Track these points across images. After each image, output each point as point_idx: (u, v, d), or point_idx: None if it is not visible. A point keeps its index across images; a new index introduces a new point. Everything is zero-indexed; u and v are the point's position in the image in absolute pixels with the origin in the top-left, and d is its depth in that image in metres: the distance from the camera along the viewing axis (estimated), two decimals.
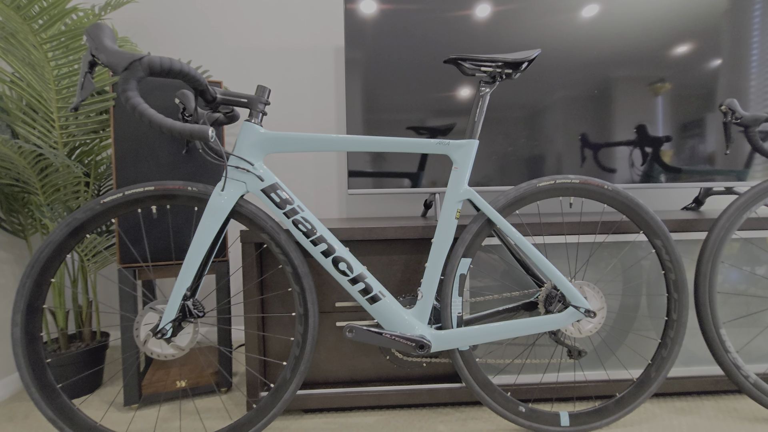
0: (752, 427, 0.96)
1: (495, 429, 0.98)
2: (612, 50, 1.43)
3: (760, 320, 1.10)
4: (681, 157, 1.46)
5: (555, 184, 0.96)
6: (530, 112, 1.42)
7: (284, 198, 0.88)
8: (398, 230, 1.04)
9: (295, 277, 0.91)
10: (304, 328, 0.92)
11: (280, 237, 0.90)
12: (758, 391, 0.96)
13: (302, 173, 1.66)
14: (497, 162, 1.42)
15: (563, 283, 0.90)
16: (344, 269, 0.89)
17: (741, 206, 0.98)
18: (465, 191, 0.92)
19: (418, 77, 1.39)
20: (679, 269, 0.96)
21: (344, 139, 0.89)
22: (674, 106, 1.46)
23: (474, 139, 0.93)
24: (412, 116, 1.40)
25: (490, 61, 0.92)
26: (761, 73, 1.48)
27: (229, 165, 0.87)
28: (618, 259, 1.07)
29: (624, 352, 1.09)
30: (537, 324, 0.91)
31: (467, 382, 0.94)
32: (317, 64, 1.64)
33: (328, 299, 1.06)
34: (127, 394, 1.09)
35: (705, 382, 1.08)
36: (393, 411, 1.07)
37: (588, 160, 1.44)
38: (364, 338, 0.88)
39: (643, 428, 0.96)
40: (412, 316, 0.92)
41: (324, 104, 1.65)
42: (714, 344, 0.97)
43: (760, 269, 1.10)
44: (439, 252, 0.92)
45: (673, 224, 1.07)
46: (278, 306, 1.05)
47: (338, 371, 1.07)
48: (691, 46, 1.45)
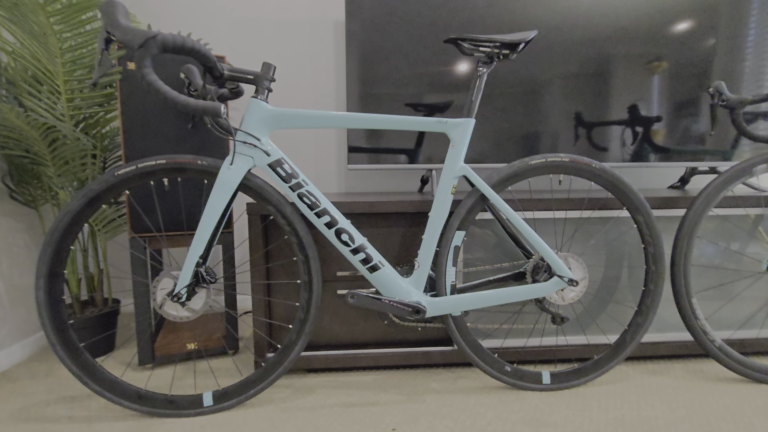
0: (715, 386, 1.06)
1: (483, 386, 1.07)
2: (610, 26, 1.44)
3: (730, 291, 1.18)
4: (670, 137, 1.51)
5: (546, 161, 1.01)
6: (526, 90, 1.45)
7: (290, 172, 0.93)
8: (397, 204, 1.10)
9: (300, 246, 0.97)
10: (308, 294, 0.99)
11: (286, 209, 0.96)
12: (723, 354, 1.06)
13: (302, 148, 1.69)
14: (492, 140, 1.46)
15: (549, 255, 0.97)
16: (346, 240, 0.95)
17: (719, 185, 1.04)
18: (461, 168, 0.97)
19: (418, 53, 1.41)
20: (658, 243, 1.03)
21: (347, 117, 0.93)
22: (669, 85, 1.49)
23: (471, 118, 0.97)
24: (411, 92, 1.43)
25: (488, 42, 0.95)
26: (757, 54, 1.51)
27: (237, 140, 0.91)
28: (602, 233, 1.14)
29: (604, 319, 1.17)
30: (524, 292, 0.99)
31: (458, 344, 1.02)
32: (317, 37, 1.64)
33: (329, 269, 1.12)
34: (141, 355, 1.17)
35: (676, 346, 1.18)
36: (390, 371, 1.16)
37: (581, 138, 1.48)
38: (364, 303, 0.96)
39: (617, 387, 1.06)
40: (409, 284, 0.99)
41: (323, 79, 1.66)
42: (685, 312, 1.05)
43: (734, 245, 1.18)
44: (435, 225, 0.98)
45: (656, 201, 1.13)
46: (282, 275, 1.11)
47: (339, 335, 1.15)
48: (689, 23, 1.47)
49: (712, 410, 0.95)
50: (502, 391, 1.05)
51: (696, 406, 0.96)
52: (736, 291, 1.19)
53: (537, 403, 0.99)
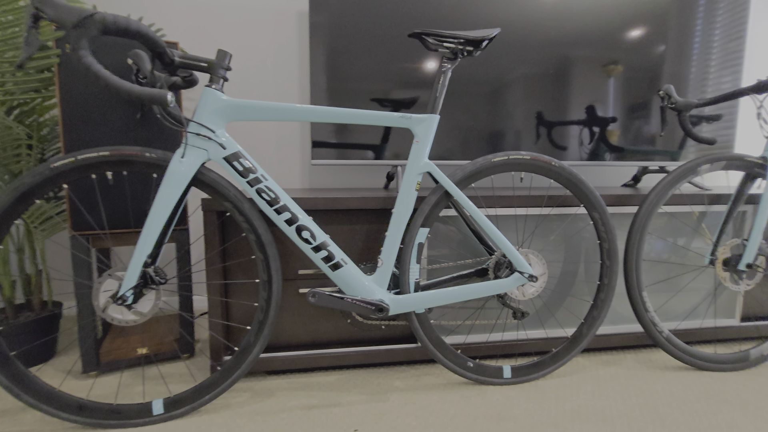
0: (663, 374, 1.11)
1: (446, 383, 1.07)
2: (570, 30, 1.49)
3: (677, 284, 1.25)
4: (624, 137, 1.57)
5: (508, 159, 1.02)
6: (491, 89, 1.47)
7: (247, 167, 0.88)
8: (361, 200, 1.07)
9: (259, 245, 0.93)
10: (267, 294, 0.95)
11: (244, 205, 0.91)
12: (670, 344, 1.12)
13: (264, 142, 1.63)
14: (457, 137, 1.47)
15: (510, 251, 0.99)
16: (307, 237, 0.92)
17: (667, 184, 1.10)
18: (425, 164, 0.96)
19: (384, 48, 1.39)
20: (612, 239, 1.07)
21: (308, 110, 0.90)
22: (623, 88, 1.56)
23: (435, 114, 0.97)
24: (377, 87, 1.41)
25: (452, 38, 0.95)
26: (701, 60, 1.60)
27: (189, 132, 0.85)
28: (561, 229, 1.17)
29: (562, 313, 1.21)
30: (486, 288, 0.99)
31: (422, 341, 1.02)
32: (280, 28, 1.59)
33: (290, 267, 1.09)
34: (85, 361, 1.08)
35: (628, 338, 1.24)
36: (353, 370, 1.14)
37: (542, 137, 1.52)
38: (326, 302, 0.93)
39: (574, 378, 1.09)
40: (373, 281, 0.97)
41: (286, 71, 1.61)
42: (636, 305, 1.10)
43: (680, 240, 1.24)
44: (398, 222, 0.97)
45: (611, 199, 1.17)
46: (240, 274, 1.07)
47: (301, 335, 1.11)
48: (642, 30, 1.53)
49: (660, 398, 0.99)
50: (465, 386, 1.05)
51: (645, 395, 1.01)
52: (682, 284, 1.26)
53: (498, 397, 1.00)
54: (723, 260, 1.15)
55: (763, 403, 0.97)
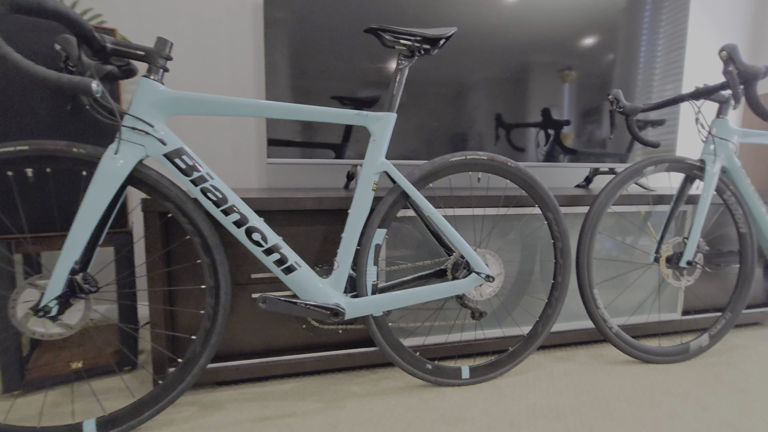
0: (612, 369, 1.15)
1: (405, 386, 1.05)
2: (528, 37, 1.52)
3: (625, 281, 1.31)
4: (577, 140, 1.63)
5: (465, 159, 1.02)
6: (452, 91, 1.47)
7: (191, 164, 0.82)
8: (316, 201, 1.03)
9: (205, 248, 0.87)
10: (215, 301, 0.89)
11: (187, 206, 0.85)
12: (619, 339, 1.16)
13: (218, 140, 1.55)
14: (417, 138, 1.46)
15: (468, 252, 0.98)
16: (258, 240, 0.87)
17: (615, 185, 1.14)
18: (382, 163, 0.94)
19: (344, 45, 1.36)
20: (565, 238, 1.10)
21: (257, 105, 0.85)
22: (577, 93, 1.61)
23: (392, 112, 0.95)
24: (337, 85, 1.37)
25: (409, 35, 0.93)
26: (647, 69, 1.69)
27: (124, 125, 0.78)
28: (517, 229, 1.19)
29: (518, 312, 1.22)
30: (443, 289, 0.99)
31: (380, 345, 1.00)
32: (234, 20, 1.51)
33: (242, 271, 1.03)
34: (6, 379, 0.97)
35: (581, 334, 1.27)
36: (310, 377, 1.10)
37: (501, 139, 1.54)
38: (278, 308, 0.88)
39: (530, 376, 1.11)
40: (328, 285, 0.93)
41: (242, 65, 1.54)
42: (588, 302, 1.13)
43: (629, 239, 1.29)
44: (355, 223, 0.94)
45: (564, 199, 1.20)
46: (186, 279, 1.00)
47: (254, 342, 1.06)
48: (594, 39, 1.59)
49: (610, 392, 1.03)
50: (424, 389, 1.04)
51: (597, 390, 1.04)
52: (630, 281, 1.31)
53: (456, 398, 1.00)
54: (666, 258, 1.21)
55: (702, 392, 1.03)
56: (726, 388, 1.05)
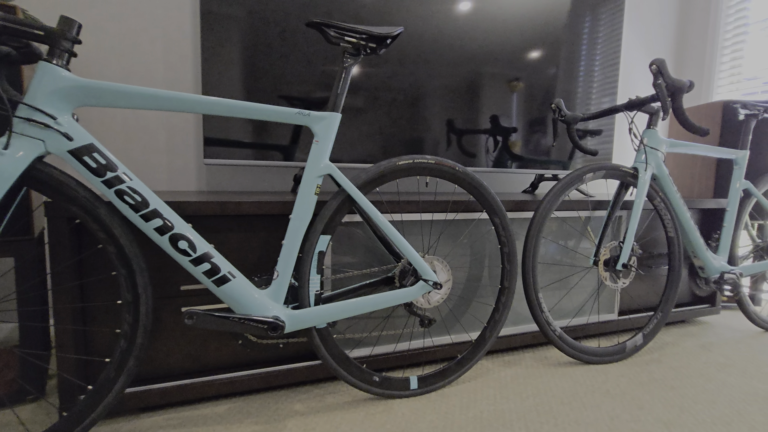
0: (556, 371, 1.17)
1: (351, 400, 1.00)
2: (480, 48, 1.54)
3: (568, 284, 1.34)
4: (524, 147, 1.67)
5: (413, 163, 0.99)
6: (407, 97, 1.45)
7: (103, 163, 0.72)
8: (255, 205, 0.96)
9: (121, 258, 0.77)
10: (133, 318, 0.79)
11: (99, 211, 0.74)
12: (561, 341, 1.18)
13: (151, 138, 1.42)
14: (374, 141, 1.42)
15: (415, 259, 0.95)
16: (185, 248, 0.78)
17: (557, 191, 1.17)
18: (325, 166, 0.89)
19: (294, 42, 1.29)
20: (512, 243, 1.10)
21: (183, 98, 0.77)
22: (524, 103, 1.65)
23: (336, 112, 0.90)
24: (285, 85, 1.30)
25: (354, 32, 0.89)
26: (586, 81, 1.77)
27: (18, 116, 0.67)
28: (465, 235, 1.18)
29: (467, 318, 1.22)
30: (390, 298, 0.95)
31: (324, 359, 0.94)
32: (170, 11, 1.39)
33: (171, 282, 0.93)
34: None
35: (527, 337, 1.29)
36: (249, 397, 1.01)
37: (453, 144, 1.55)
38: (208, 324, 0.80)
39: (478, 383, 1.10)
40: (266, 296, 0.86)
41: (178, 58, 1.42)
42: (533, 305, 1.15)
43: (570, 243, 1.34)
44: (296, 229, 0.88)
45: (511, 204, 1.21)
46: (103, 293, 0.88)
47: (185, 361, 0.96)
48: (539, 52, 1.65)
49: (554, 395, 1.04)
50: (371, 402, 0.99)
51: (541, 393, 1.04)
52: (572, 284, 1.35)
53: (404, 411, 0.96)
54: (604, 261, 1.26)
55: (638, 391, 1.07)
56: (658, 385, 1.10)
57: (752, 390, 1.09)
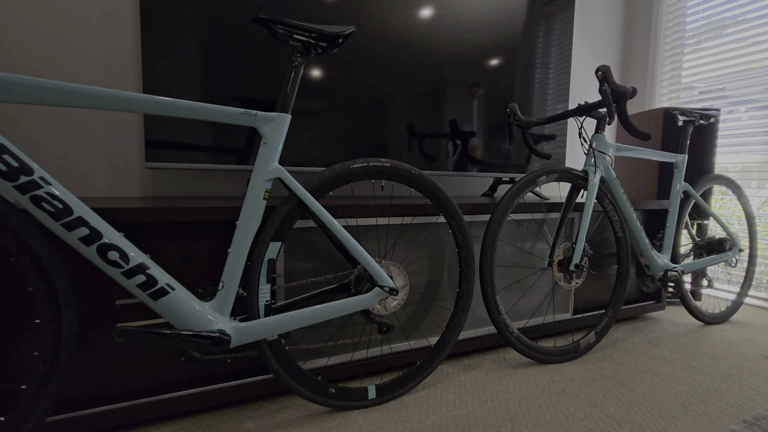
0: (514, 372, 1.18)
1: (307, 414, 0.96)
2: (442, 54, 1.55)
3: (524, 285, 1.37)
4: (484, 151, 1.69)
5: (368, 166, 0.97)
6: (369, 102, 1.43)
7: (15, 166, 0.65)
8: (201, 211, 0.90)
9: (38, 272, 0.69)
10: (54, 338, 0.71)
11: (10, 220, 0.66)
12: (519, 343, 1.19)
13: (87, 140, 1.31)
14: (336, 145, 1.39)
15: (370, 264, 0.93)
16: (116, 259, 0.71)
17: (513, 194, 1.18)
18: (274, 169, 0.85)
19: (248, 42, 1.23)
20: (469, 247, 1.10)
21: (110, 95, 0.70)
22: (484, 108, 1.68)
23: (286, 113, 0.86)
24: (239, 86, 1.24)
25: (303, 30, 0.85)
26: (541, 88, 1.82)
27: None
28: (422, 239, 1.17)
29: (426, 323, 1.20)
30: (345, 306, 0.91)
31: (275, 372, 0.89)
32: (109, 6, 1.30)
33: (104, 296, 0.85)
34: None
35: (486, 340, 1.30)
36: (195, 417, 0.94)
37: (414, 148, 1.54)
38: (141, 342, 0.73)
39: (438, 389, 1.08)
40: (210, 309, 0.81)
41: (119, 54, 1.32)
42: (491, 308, 1.15)
43: (527, 245, 1.36)
44: (244, 235, 0.83)
45: (468, 207, 1.22)
46: (20, 312, 0.79)
47: (122, 382, 0.88)
48: (497, 60, 1.68)
49: (512, 397, 1.04)
50: (327, 415, 0.95)
51: (500, 396, 1.04)
52: (528, 285, 1.37)
53: (362, 423, 0.92)
54: (558, 262, 1.28)
55: (590, 389, 1.09)
56: (610, 382, 1.13)
57: (694, 382, 1.14)
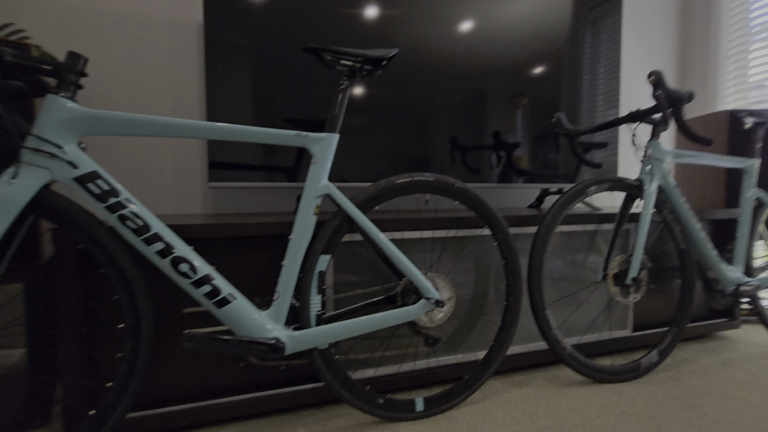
0: (568, 391, 1.13)
1: (356, 423, 0.98)
2: (483, 65, 1.57)
3: (577, 300, 1.31)
4: (529, 162, 1.67)
5: (412, 180, 0.99)
6: (410, 116, 1.47)
7: (106, 189, 0.74)
8: (257, 227, 0.97)
9: (122, 282, 0.78)
10: (134, 342, 0.79)
11: (101, 236, 0.76)
12: (572, 360, 1.15)
13: (158, 163, 1.46)
14: (378, 160, 1.44)
15: (416, 276, 0.95)
16: (186, 271, 0.79)
17: (561, 205, 1.15)
18: (324, 186, 0.90)
19: (299, 67, 1.33)
20: (515, 259, 1.09)
21: (185, 125, 0.79)
22: (528, 118, 1.66)
23: (334, 132, 0.91)
24: (292, 108, 1.34)
25: (349, 55, 0.91)
26: (589, 95, 1.77)
27: (26, 147, 0.70)
28: (468, 251, 1.17)
29: (474, 336, 1.19)
30: (392, 317, 0.94)
31: (326, 380, 0.92)
32: (177, 39, 1.45)
33: (173, 305, 0.94)
34: None
35: (537, 356, 1.25)
36: (251, 421, 1.00)
37: (457, 161, 1.56)
38: (206, 347, 0.80)
39: (486, 404, 1.06)
40: (267, 317, 0.86)
41: (185, 87, 1.47)
42: (541, 323, 1.12)
43: (578, 258, 1.31)
44: (296, 249, 0.88)
45: (514, 220, 1.20)
46: (107, 318, 0.89)
47: (187, 385, 0.95)
48: (542, 67, 1.67)
49: (566, 416, 1.00)
50: (376, 425, 0.97)
51: (553, 415, 1.01)
52: (581, 299, 1.32)
53: None
54: (613, 275, 1.23)
55: (654, 411, 1.02)
56: (676, 405, 1.05)
57: None
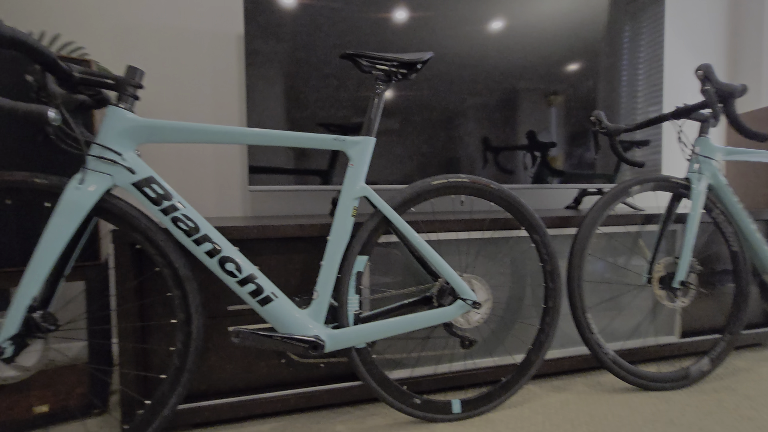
0: (611, 398, 1.09)
1: (393, 423, 0.99)
2: (516, 64, 1.54)
3: (619, 304, 1.26)
4: (566, 162, 1.63)
5: (447, 182, 1.00)
6: (443, 117, 1.47)
7: (161, 193, 0.79)
8: (296, 228, 1.00)
9: (175, 280, 0.83)
10: (186, 336, 0.84)
11: (157, 237, 0.81)
12: (615, 365, 1.11)
13: (201, 168, 1.53)
14: (410, 162, 1.45)
15: (452, 277, 0.95)
16: (232, 270, 0.83)
17: (602, 205, 1.12)
18: (361, 188, 0.92)
19: (332, 73, 1.36)
20: (554, 261, 1.06)
21: (230, 131, 0.83)
22: (564, 116, 1.62)
23: (370, 136, 0.93)
24: (327, 114, 1.37)
25: (385, 60, 0.93)
26: (629, 91, 1.71)
27: (90, 155, 0.76)
28: (504, 253, 1.16)
29: (511, 339, 1.17)
30: (428, 318, 0.94)
31: (364, 379, 0.94)
32: (219, 51, 1.52)
33: (219, 303, 0.98)
34: None
35: (577, 361, 1.22)
36: (291, 416, 1.03)
37: (491, 162, 1.54)
38: (252, 342, 0.84)
39: (525, 409, 1.05)
40: (307, 316, 0.89)
41: (226, 95, 1.54)
42: (581, 327, 1.09)
43: (620, 260, 1.26)
44: (335, 250, 0.90)
45: (552, 221, 1.18)
46: (160, 313, 0.95)
47: (232, 379, 1.00)
48: (578, 64, 1.62)
49: (609, 424, 0.97)
50: (413, 425, 0.98)
51: (595, 422, 0.98)
52: (624, 303, 1.27)
53: None
54: (659, 278, 1.17)
55: (706, 422, 0.97)
56: (730, 416, 0.99)
57: None
